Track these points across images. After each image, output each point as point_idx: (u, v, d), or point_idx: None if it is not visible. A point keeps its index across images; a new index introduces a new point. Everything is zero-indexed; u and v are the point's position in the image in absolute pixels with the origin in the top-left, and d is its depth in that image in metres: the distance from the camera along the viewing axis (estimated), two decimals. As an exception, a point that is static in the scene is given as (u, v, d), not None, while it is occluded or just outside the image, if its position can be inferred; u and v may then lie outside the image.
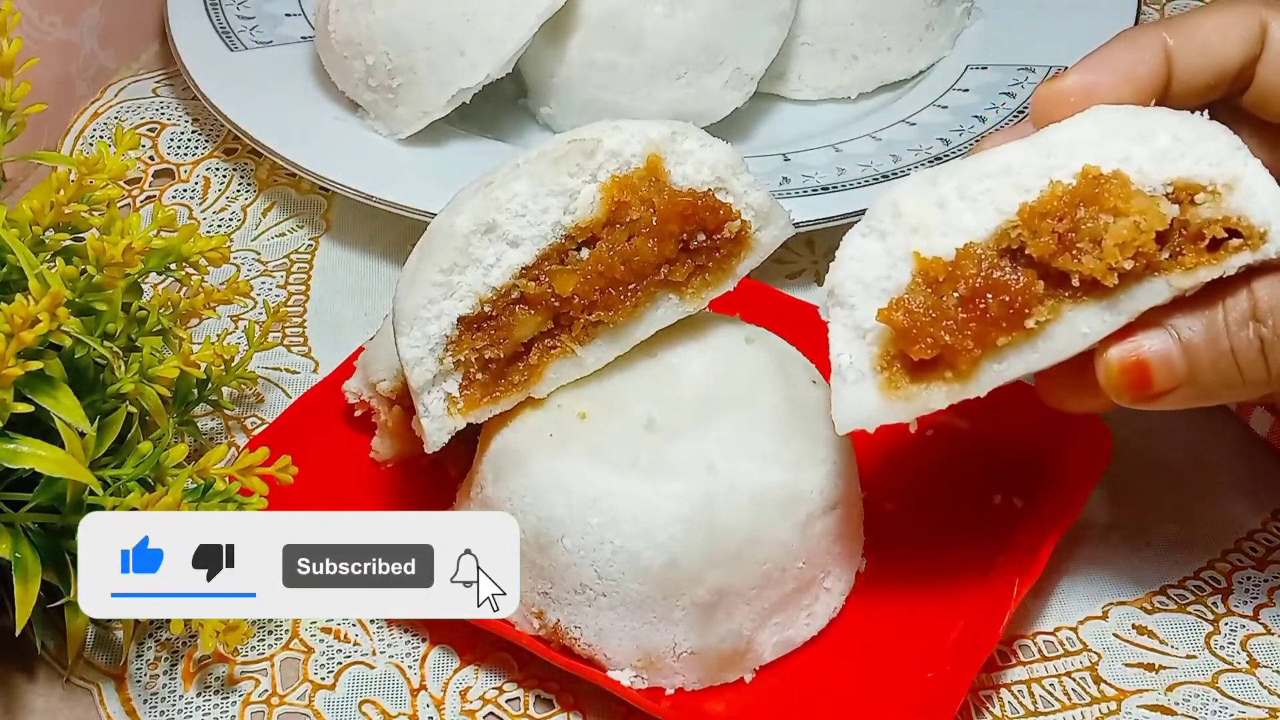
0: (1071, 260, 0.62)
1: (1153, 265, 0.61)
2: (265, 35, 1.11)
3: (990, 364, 0.64)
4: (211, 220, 1.03)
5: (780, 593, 0.71)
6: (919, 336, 0.63)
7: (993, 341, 0.63)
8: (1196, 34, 0.68)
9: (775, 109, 1.10)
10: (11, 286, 0.71)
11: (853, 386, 0.66)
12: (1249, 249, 0.61)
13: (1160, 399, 0.64)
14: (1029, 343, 0.63)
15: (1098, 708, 0.74)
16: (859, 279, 0.65)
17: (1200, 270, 0.61)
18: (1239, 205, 0.61)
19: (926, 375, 0.64)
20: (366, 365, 0.81)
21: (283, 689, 0.74)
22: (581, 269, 0.71)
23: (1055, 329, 0.63)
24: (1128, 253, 0.61)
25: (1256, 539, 0.81)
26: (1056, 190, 0.62)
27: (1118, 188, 0.61)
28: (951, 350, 0.63)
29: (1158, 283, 0.62)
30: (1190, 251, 0.62)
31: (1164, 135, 0.62)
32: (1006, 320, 0.62)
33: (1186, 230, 0.62)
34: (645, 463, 0.69)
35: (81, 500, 0.68)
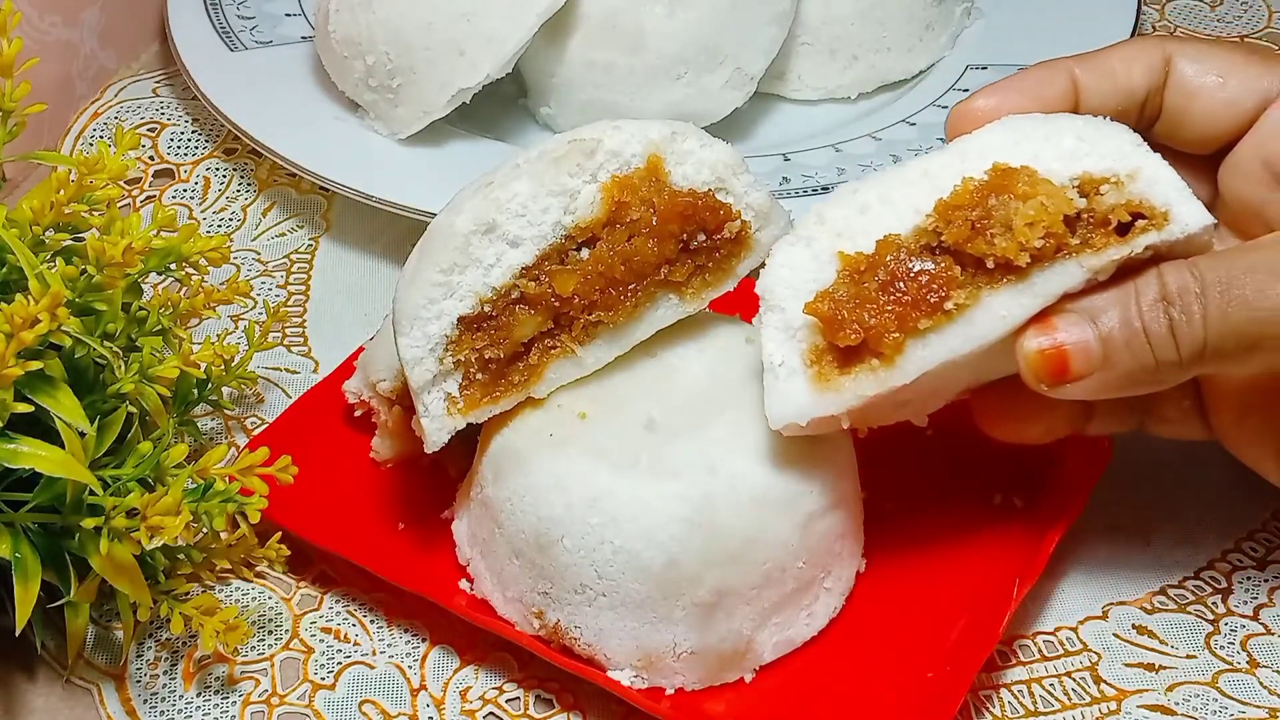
0: (985, 244, 0.64)
1: (1064, 248, 0.64)
2: (265, 35, 1.11)
3: (914, 349, 0.65)
4: (211, 220, 1.03)
5: (780, 593, 0.71)
6: (843, 323, 0.65)
7: (914, 325, 0.65)
8: (1103, 64, 0.72)
9: (775, 109, 1.10)
10: (11, 286, 0.71)
11: (783, 382, 0.68)
12: (1154, 229, 0.64)
13: (1077, 384, 0.65)
14: (950, 326, 0.65)
15: (1098, 708, 0.74)
16: (787, 283, 0.68)
17: (1110, 249, 0.64)
18: (1141, 190, 0.64)
19: (854, 365, 0.66)
20: (366, 365, 0.81)
21: (283, 689, 0.74)
22: (581, 269, 0.71)
23: (975, 313, 0.65)
24: (1037, 232, 0.63)
25: (1256, 539, 0.81)
26: (969, 185, 0.65)
27: (1026, 177, 0.64)
28: (875, 334, 0.65)
29: (1070, 265, 0.64)
30: (1099, 235, 0.64)
31: (1069, 136, 0.66)
32: (926, 304, 0.65)
33: (1094, 217, 0.64)
34: (645, 463, 0.69)
35: (81, 500, 0.68)
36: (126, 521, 0.66)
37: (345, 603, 0.78)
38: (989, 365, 0.68)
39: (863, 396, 0.66)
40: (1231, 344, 0.63)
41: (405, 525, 0.79)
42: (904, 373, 0.65)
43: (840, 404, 0.66)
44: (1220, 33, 1.21)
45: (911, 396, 0.68)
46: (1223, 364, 0.65)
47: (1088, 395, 0.66)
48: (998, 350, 0.66)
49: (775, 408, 0.68)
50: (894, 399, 0.67)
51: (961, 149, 0.67)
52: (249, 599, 0.79)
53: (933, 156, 0.67)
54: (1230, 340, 0.63)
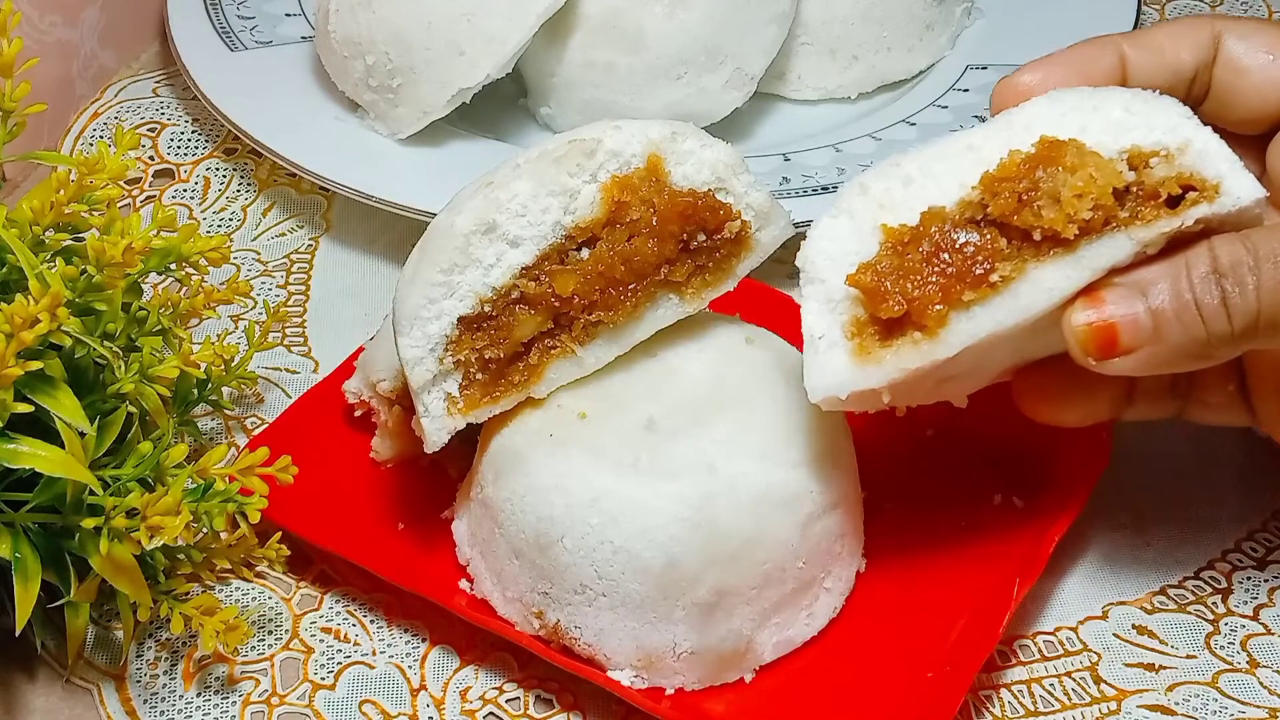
0: (1032, 215, 0.63)
1: (1112, 221, 0.63)
2: (265, 35, 1.11)
3: (958, 321, 0.64)
4: (211, 220, 1.03)
5: (780, 593, 0.71)
6: (886, 295, 0.64)
7: (958, 297, 0.64)
8: (1150, 41, 0.71)
9: (775, 109, 1.10)
10: (11, 286, 0.71)
11: (824, 355, 0.66)
12: (1205, 201, 0.63)
13: (1126, 358, 0.64)
14: (995, 299, 0.64)
15: (1098, 708, 0.74)
16: (828, 255, 0.67)
17: (1159, 222, 0.63)
18: (1192, 163, 0.63)
19: (896, 337, 0.65)
20: (366, 365, 0.81)
21: (283, 689, 0.74)
22: (581, 269, 0.71)
23: (1021, 286, 0.64)
24: (1086, 204, 0.62)
25: (1256, 539, 0.81)
26: (1015, 157, 0.64)
27: (1074, 149, 0.63)
28: (918, 307, 0.64)
29: (1119, 238, 0.63)
30: (1148, 207, 0.63)
31: (1118, 108, 0.65)
32: (970, 276, 0.64)
33: (1144, 190, 0.63)
34: (645, 463, 0.69)
35: (81, 500, 0.68)
36: (126, 521, 0.66)
37: (345, 603, 0.78)
38: (1033, 343, 0.67)
39: (905, 369, 0.65)
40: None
41: (405, 525, 0.79)
42: (947, 346, 0.64)
43: (881, 377, 0.65)
44: (1220, 33, 1.21)
45: (954, 372, 0.67)
46: (1275, 337, 0.64)
47: (1137, 370, 0.65)
48: (1043, 326, 0.65)
49: (815, 380, 0.66)
50: (936, 375, 0.66)
51: (1008, 121, 0.66)
52: (249, 599, 0.79)
53: (977, 130, 0.66)
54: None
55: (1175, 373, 0.71)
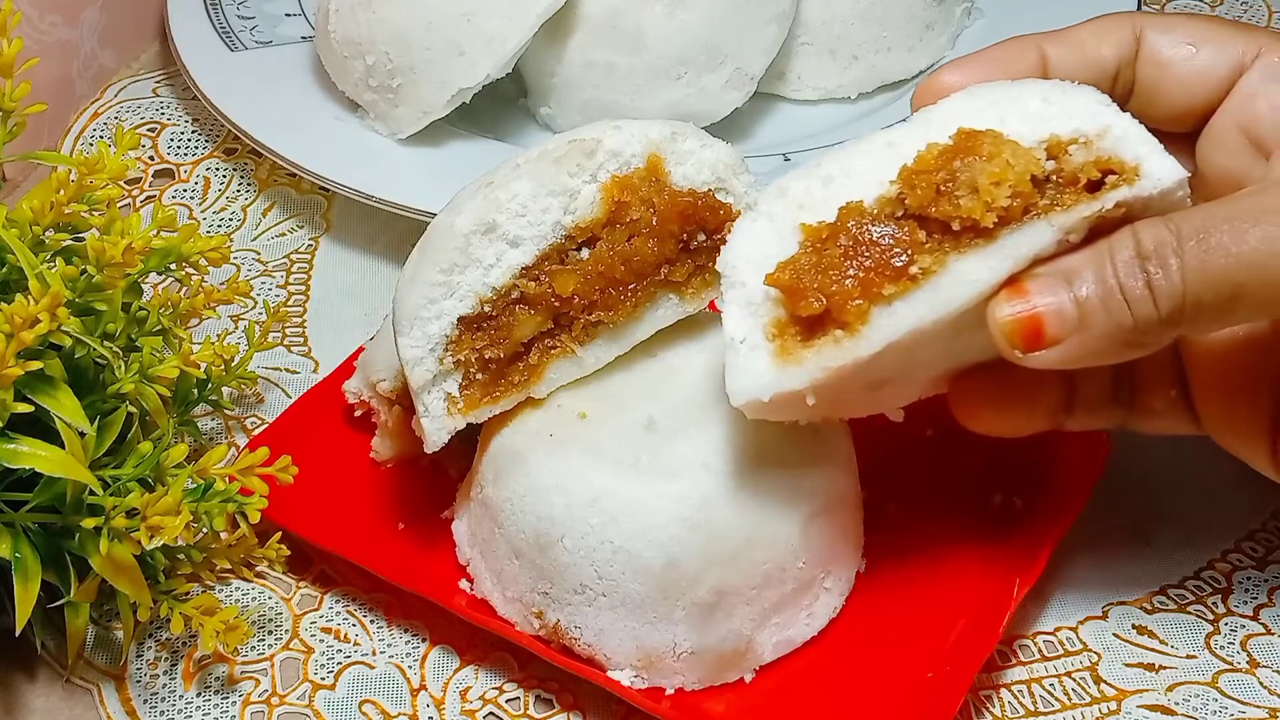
0: (949, 205, 0.62)
1: (1032, 209, 0.62)
2: (265, 35, 1.11)
3: (879, 316, 0.63)
4: (211, 220, 1.03)
5: (780, 593, 0.71)
6: (805, 292, 0.63)
7: (878, 291, 0.62)
8: (1072, 38, 0.70)
9: (775, 109, 1.10)
10: (11, 286, 0.71)
11: (745, 357, 0.65)
12: (1125, 184, 0.61)
13: (1053, 349, 0.62)
14: (916, 291, 0.62)
15: (1098, 708, 0.74)
16: (748, 257, 0.66)
17: (1080, 207, 0.62)
18: (1110, 147, 0.62)
19: (817, 336, 0.64)
20: (366, 365, 0.81)
21: (283, 689, 0.74)
22: (581, 269, 0.71)
23: (942, 279, 0.62)
24: (1003, 191, 0.61)
25: (1256, 539, 0.81)
26: (933, 150, 0.63)
27: (991, 139, 0.62)
28: (837, 302, 0.62)
29: (1040, 225, 0.62)
30: (1069, 194, 0.62)
31: (1035, 99, 0.63)
32: (890, 269, 0.62)
33: (1063, 177, 0.62)
34: (645, 463, 0.69)
35: (81, 500, 0.68)
36: (126, 521, 0.66)
37: (345, 603, 0.78)
38: (961, 346, 0.66)
39: (827, 369, 0.63)
40: (1211, 294, 0.60)
41: (405, 525, 0.79)
42: (869, 343, 0.62)
43: (804, 377, 0.63)
44: (1220, 33, 1.21)
45: (883, 376, 0.66)
46: (1204, 320, 0.62)
47: (1065, 362, 0.63)
48: (968, 324, 0.63)
49: (736, 383, 0.64)
50: (863, 378, 0.65)
51: (925, 118, 0.65)
52: (249, 599, 0.79)
53: (896, 128, 0.65)
54: (1210, 290, 0.60)
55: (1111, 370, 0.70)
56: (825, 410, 0.67)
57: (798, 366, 0.63)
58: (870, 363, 0.63)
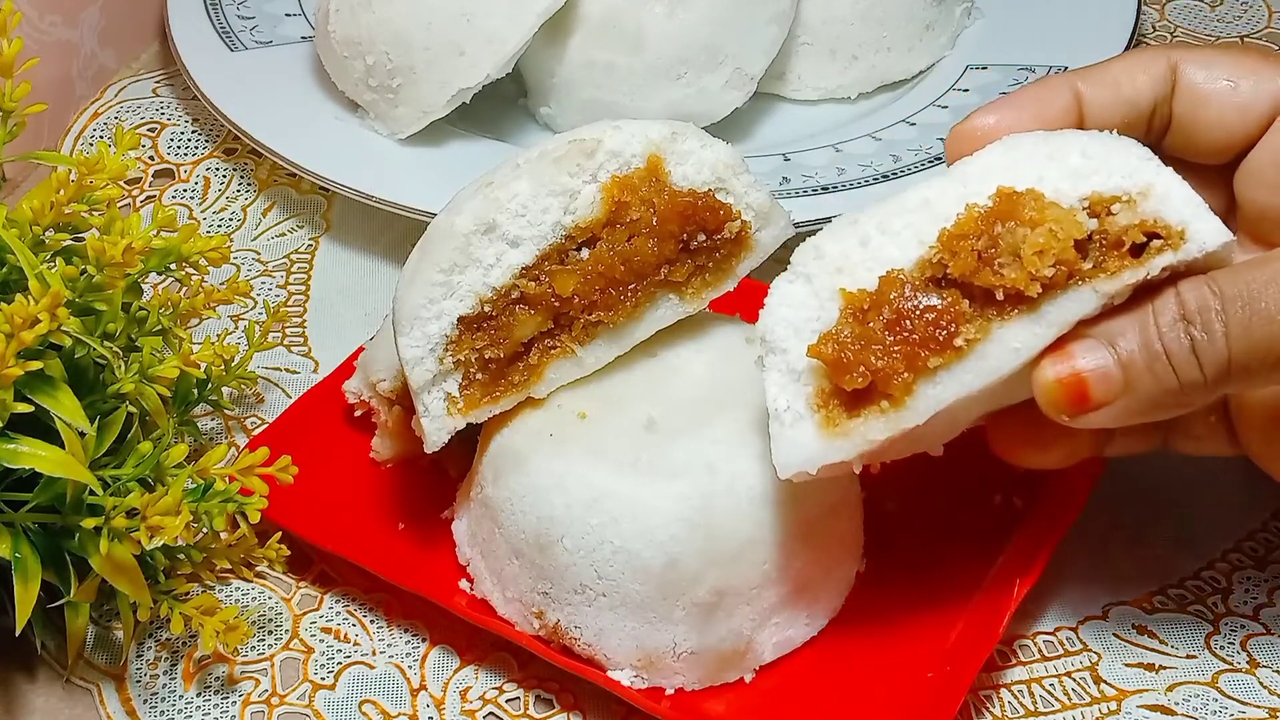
0: (993, 275, 0.61)
1: (1076, 274, 0.61)
2: (265, 35, 1.11)
3: (925, 388, 0.62)
4: (211, 220, 1.03)
5: (780, 593, 0.71)
6: (849, 366, 0.63)
7: (923, 364, 0.62)
8: (1105, 75, 0.70)
9: (775, 109, 1.10)
10: (11, 286, 0.71)
11: (790, 429, 0.64)
12: (1170, 249, 0.61)
13: (1099, 412, 0.62)
14: (960, 362, 0.62)
15: (1098, 708, 0.74)
16: (788, 322, 0.65)
17: (1125, 273, 0.61)
18: (1154, 209, 0.61)
19: (863, 408, 0.63)
20: (366, 365, 0.81)
21: (283, 689, 0.74)
22: (581, 269, 0.71)
23: (986, 347, 0.62)
24: (1047, 260, 0.61)
25: (1256, 539, 0.81)
26: (973, 213, 0.62)
27: (1032, 202, 0.62)
28: (883, 376, 0.62)
29: (1084, 291, 0.62)
30: (1113, 258, 0.62)
31: (1074, 154, 0.63)
32: (934, 341, 0.62)
33: (1107, 239, 0.62)
34: (645, 463, 0.69)
35: (81, 500, 0.68)
36: (126, 521, 0.66)
37: (345, 603, 0.78)
38: (1005, 394, 0.66)
39: (873, 441, 0.63)
40: (1257, 360, 0.61)
41: (405, 525, 0.79)
42: (915, 413, 0.62)
43: (850, 450, 0.63)
44: (1220, 33, 1.21)
45: (925, 433, 0.65)
46: (1249, 381, 0.62)
47: (1111, 423, 0.63)
48: (1014, 381, 0.63)
49: (784, 456, 0.64)
50: (907, 437, 0.64)
51: (963, 173, 0.64)
52: (249, 599, 0.79)
53: (932, 182, 0.65)
54: (1256, 356, 0.61)
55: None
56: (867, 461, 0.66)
57: (845, 439, 0.63)
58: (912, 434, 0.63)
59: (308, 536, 0.77)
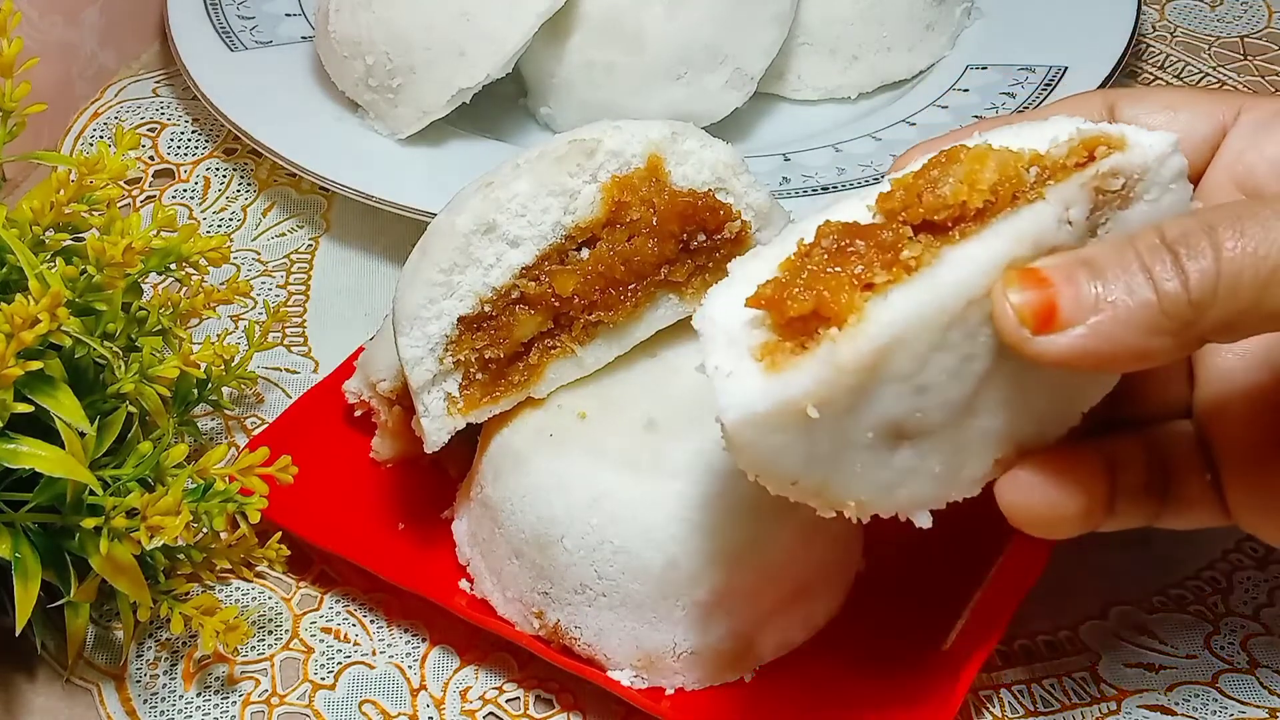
0: (932, 199, 0.58)
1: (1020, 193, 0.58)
2: (265, 35, 1.11)
3: (874, 308, 0.56)
4: (211, 220, 1.03)
5: (780, 593, 0.71)
6: (789, 292, 0.57)
7: (869, 279, 0.57)
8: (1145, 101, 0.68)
9: (775, 109, 1.10)
10: (11, 286, 0.71)
11: (731, 379, 0.57)
12: (1116, 151, 0.59)
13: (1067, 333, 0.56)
14: (911, 280, 0.57)
15: (1098, 708, 0.74)
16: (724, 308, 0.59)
17: (1074, 175, 0.58)
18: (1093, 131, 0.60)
19: (810, 343, 0.57)
20: (366, 365, 0.81)
21: (283, 689, 0.74)
22: (581, 269, 0.71)
23: (939, 268, 0.57)
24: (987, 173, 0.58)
25: (1257, 539, 0.81)
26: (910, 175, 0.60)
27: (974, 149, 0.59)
28: (826, 297, 0.56)
29: (1035, 205, 0.58)
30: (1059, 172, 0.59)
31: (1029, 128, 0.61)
32: (880, 260, 0.57)
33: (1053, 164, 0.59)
34: (645, 463, 0.69)
35: (81, 500, 0.68)
36: (126, 521, 0.66)
37: (345, 603, 0.78)
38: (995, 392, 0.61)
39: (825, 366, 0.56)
40: (1250, 275, 0.55)
41: (405, 525, 0.79)
42: (866, 336, 0.56)
43: (800, 383, 0.56)
44: (1220, 33, 1.21)
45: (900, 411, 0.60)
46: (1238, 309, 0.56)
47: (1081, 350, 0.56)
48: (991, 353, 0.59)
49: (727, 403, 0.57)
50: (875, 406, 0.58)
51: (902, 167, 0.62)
52: (249, 599, 0.79)
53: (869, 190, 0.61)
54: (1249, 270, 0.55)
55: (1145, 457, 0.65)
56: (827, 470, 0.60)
57: (794, 372, 0.56)
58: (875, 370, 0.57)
59: (308, 536, 0.77)
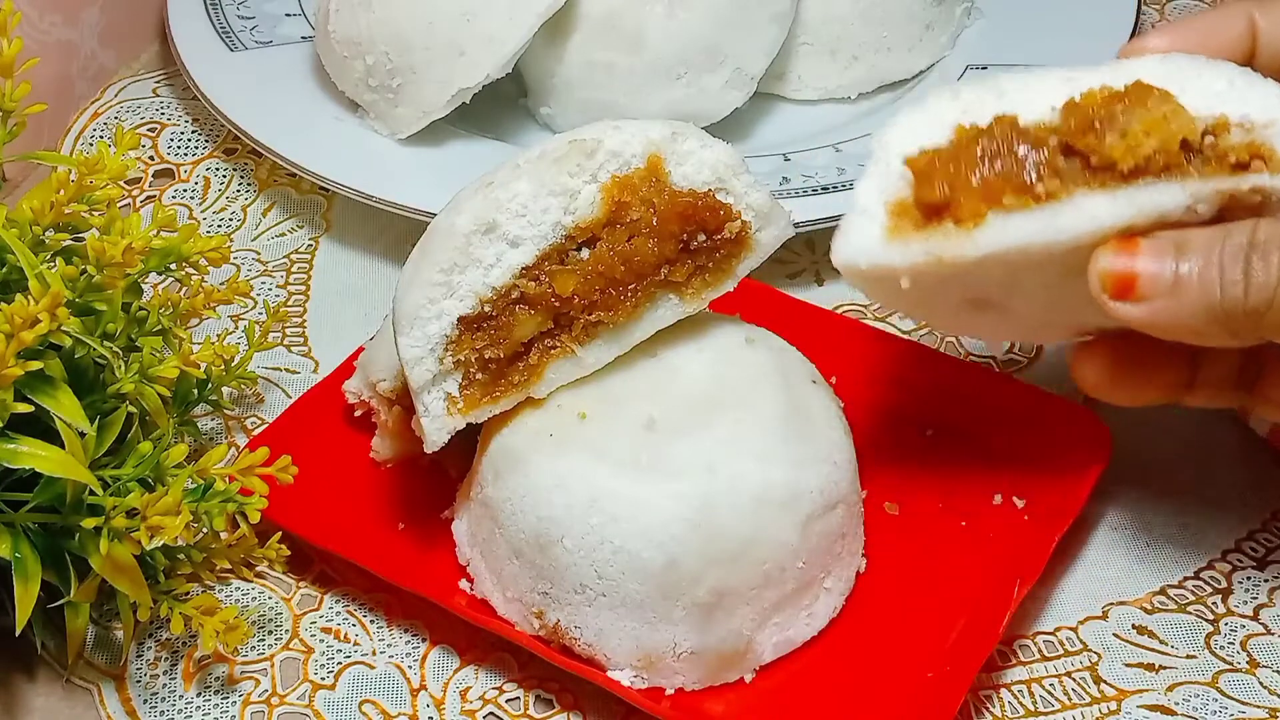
0: (1095, 140, 0.63)
1: (1171, 167, 0.62)
2: (265, 35, 1.11)
3: (993, 222, 0.64)
4: (211, 220, 1.03)
5: (780, 593, 0.71)
6: (933, 177, 0.64)
7: (998, 198, 0.64)
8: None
9: (775, 109, 1.10)
10: (11, 286, 0.71)
11: (858, 222, 0.66)
12: (1268, 171, 0.62)
13: (1139, 305, 0.62)
14: (1035, 210, 0.63)
15: (1098, 708, 0.74)
16: (900, 140, 0.67)
17: (1216, 179, 0.62)
18: (1269, 136, 0.62)
19: (932, 225, 0.65)
20: (366, 365, 0.81)
21: (283, 689, 0.74)
22: (581, 269, 0.71)
23: (1063, 206, 0.63)
24: (1150, 142, 0.62)
25: (1256, 539, 0.81)
26: (1104, 91, 0.64)
27: (1161, 96, 0.63)
28: (958, 197, 0.64)
29: (1173, 185, 0.63)
30: (1211, 167, 0.63)
31: (1221, 80, 0.64)
32: (1019, 182, 0.63)
33: (1214, 152, 0.63)
34: (645, 463, 0.69)
35: (81, 500, 0.68)
36: (126, 521, 0.66)
37: (345, 603, 0.78)
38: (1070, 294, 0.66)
39: (929, 254, 0.64)
40: None
41: (405, 525, 0.79)
42: (975, 244, 0.64)
43: (905, 257, 0.65)
44: (1220, 33, 1.21)
45: (984, 295, 0.67)
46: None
47: (1149, 325, 0.63)
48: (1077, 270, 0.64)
49: (841, 243, 0.66)
50: (964, 289, 0.66)
51: (1114, 67, 0.65)
52: (249, 599, 0.79)
53: (1084, 68, 0.66)
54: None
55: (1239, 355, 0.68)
56: (918, 308, 0.69)
57: (903, 245, 0.65)
58: (972, 268, 0.64)
59: (308, 536, 0.77)
